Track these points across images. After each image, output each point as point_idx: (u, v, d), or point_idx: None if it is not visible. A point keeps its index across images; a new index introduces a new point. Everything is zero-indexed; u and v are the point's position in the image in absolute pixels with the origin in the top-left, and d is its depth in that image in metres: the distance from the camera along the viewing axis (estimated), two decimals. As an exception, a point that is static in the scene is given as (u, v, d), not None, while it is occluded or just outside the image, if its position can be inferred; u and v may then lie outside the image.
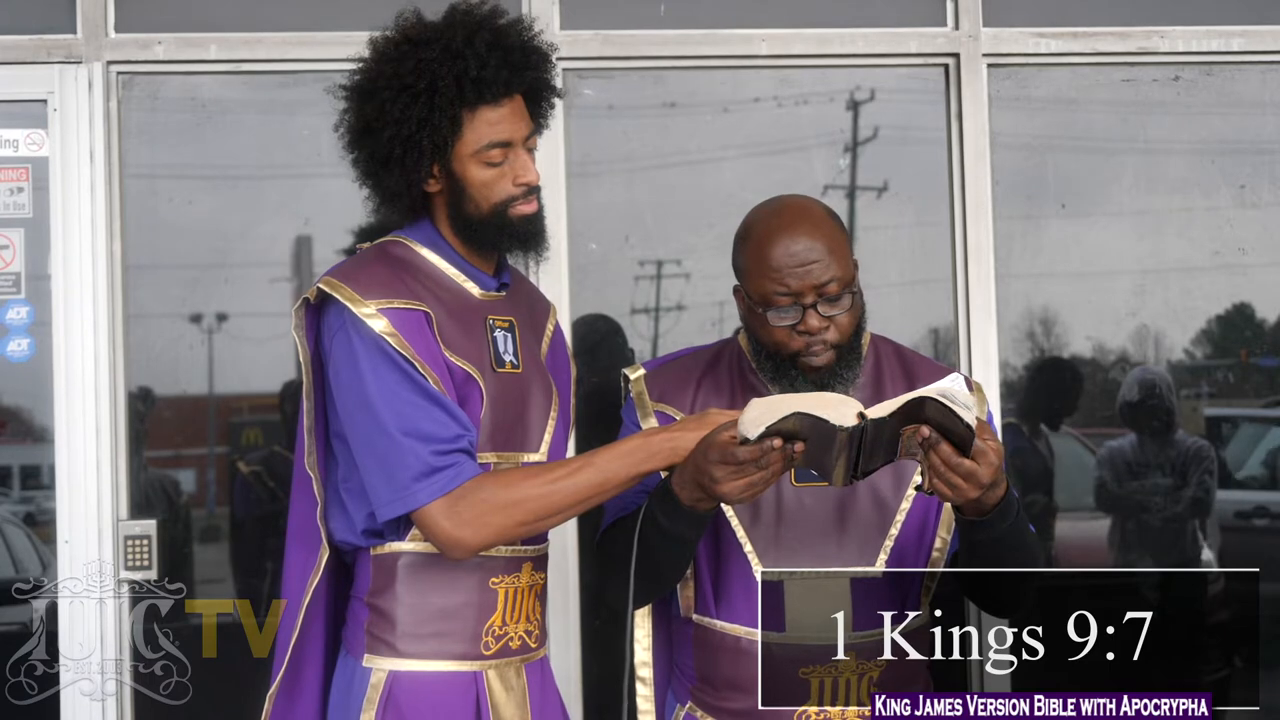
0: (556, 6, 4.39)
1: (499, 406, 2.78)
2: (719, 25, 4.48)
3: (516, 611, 2.82)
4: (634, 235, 4.60)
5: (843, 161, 4.70)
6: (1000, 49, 4.54)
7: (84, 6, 4.29)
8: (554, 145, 4.35)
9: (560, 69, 4.30)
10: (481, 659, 2.79)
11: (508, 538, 2.72)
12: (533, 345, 2.93)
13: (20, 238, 4.31)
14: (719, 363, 2.97)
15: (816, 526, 2.82)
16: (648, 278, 4.63)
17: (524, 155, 2.80)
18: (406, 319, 2.70)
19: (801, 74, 4.60)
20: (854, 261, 2.83)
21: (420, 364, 2.68)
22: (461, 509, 2.66)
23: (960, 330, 4.47)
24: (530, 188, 2.80)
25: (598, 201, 4.52)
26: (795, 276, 2.75)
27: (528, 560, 2.85)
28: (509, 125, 2.77)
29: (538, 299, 3.09)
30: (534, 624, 2.87)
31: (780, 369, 2.82)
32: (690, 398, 2.91)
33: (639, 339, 4.64)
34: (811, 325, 2.76)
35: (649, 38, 4.45)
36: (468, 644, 2.78)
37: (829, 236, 2.79)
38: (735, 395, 2.90)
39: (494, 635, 2.80)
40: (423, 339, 2.71)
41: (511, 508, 2.66)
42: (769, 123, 4.61)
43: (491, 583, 2.79)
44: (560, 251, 4.34)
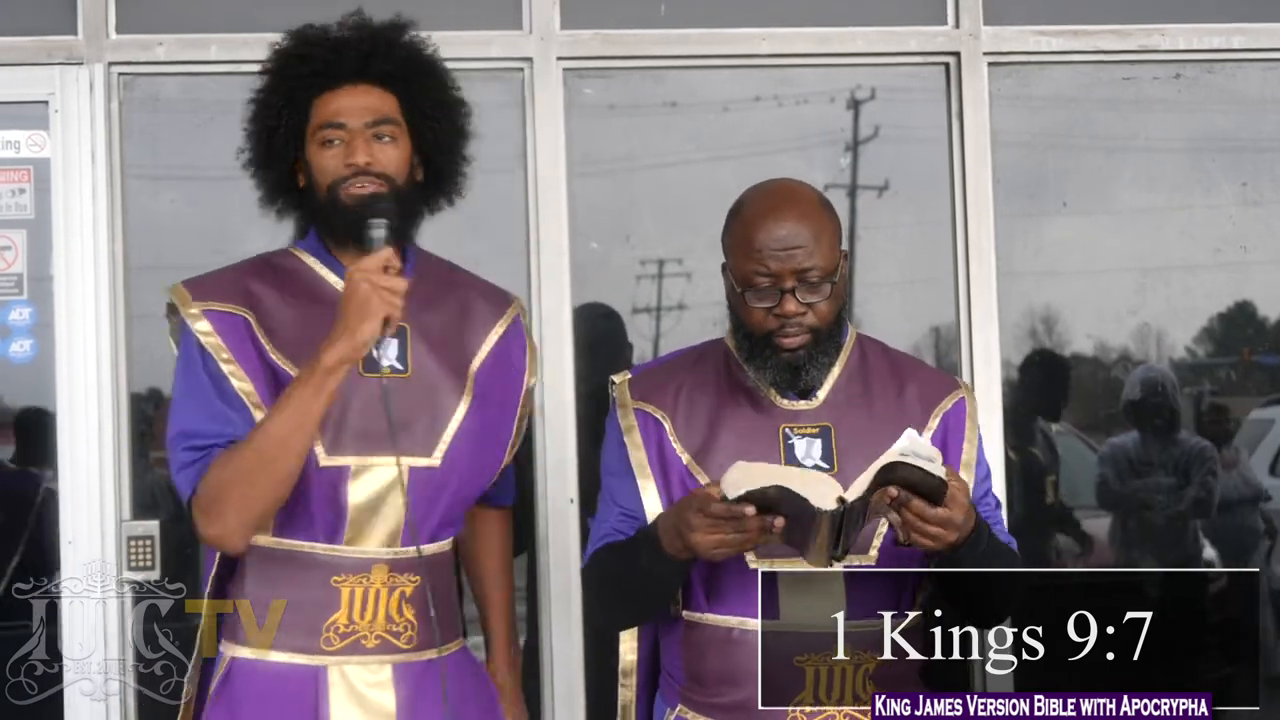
0: (556, 6, 4.39)
1: (362, 409, 2.80)
2: (719, 24, 4.48)
3: (369, 611, 2.83)
4: (635, 234, 4.61)
5: (843, 160, 4.70)
6: (1001, 47, 4.54)
7: (85, 8, 4.30)
8: (555, 145, 4.36)
9: (562, 69, 4.40)
10: (322, 654, 2.82)
11: (250, 514, 2.74)
12: (443, 349, 2.93)
13: (23, 239, 4.32)
14: (704, 361, 2.95)
15: None
16: (649, 277, 4.63)
17: (361, 139, 2.82)
18: (225, 322, 2.81)
19: (802, 73, 4.60)
20: (842, 252, 2.81)
21: (234, 366, 2.78)
22: (204, 502, 2.75)
23: (961, 329, 4.47)
24: (359, 170, 2.81)
25: (599, 201, 4.52)
26: (776, 259, 2.74)
27: (380, 562, 2.84)
28: (346, 108, 2.83)
29: (476, 299, 3.05)
30: (402, 625, 2.87)
31: (755, 348, 2.80)
32: (672, 395, 2.89)
33: (640, 338, 4.64)
34: (788, 310, 2.75)
35: (649, 37, 4.46)
36: (307, 638, 2.82)
37: (816, 223, 2.78)
38: (721, 392, 2.89)
39: (337, 632, 2.82)
40: (238, 341, 2.80)
41: (231, 483, 2.71)
42: (769, 122, 4.61)
43: (334, 580, 2.83)
44: (561, 251, 4.35)
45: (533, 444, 4.37)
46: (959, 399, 2.92)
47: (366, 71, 2.87)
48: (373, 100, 2.86)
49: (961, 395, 2.93)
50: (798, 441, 2.81)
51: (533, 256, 4.37)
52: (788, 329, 2.76)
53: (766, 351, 2.79)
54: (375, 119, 2.84)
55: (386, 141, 2.85)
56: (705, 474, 2.78)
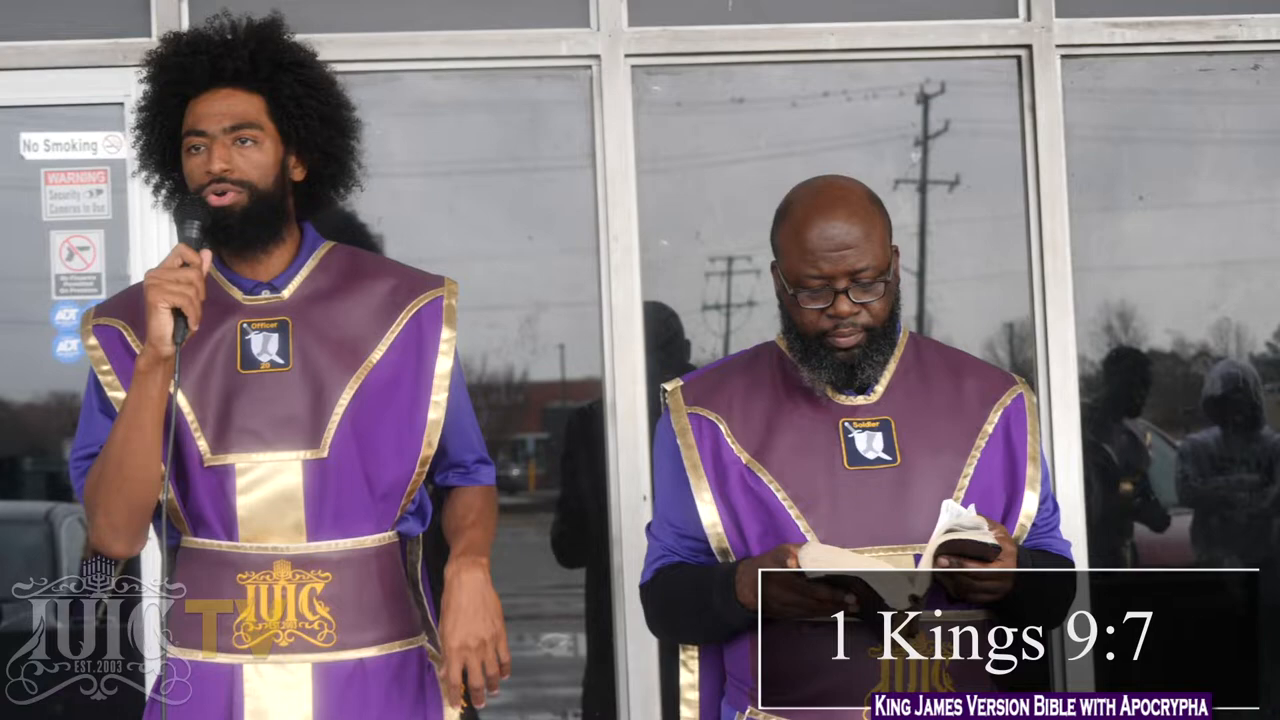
0: (624, 3, 4.40)
1: (243, 407, 2.79)
2: (787, 20, 4.47)
3: (277, 609, 2.80)
4: (705, 231, 4.60)
5: (914, 155, 4.67)
6: (1073, 40, 4.49)
7: (159, 11, 4.36)
8: (623, 142, 4.37)
9: (630, 66, 4.41)
10: (234, 652, 2.80)
11: (115, 518, 2.77)
12: (334, 340, 2.86)
13: (100, 239, 4.38)
14: (757, 362, 2.92)
15: (876, 508, 2.77)
16: (718, 274, 4.63)
17: (220, 145, 2.78)
18: (106, 334, 2.85)
19: (871, 68, 4.58)
20: (893, 248, 2.78)
21: (110, 376, 2.81)
22: (85, 510, 2.81)
23: (1037, 325, 4.43)
24: (215, 177, 2.76)
25: (668, 198, 4.53)
26: (829, 260, 2.71)
27: (281, 559, 2.81)
28: (205, 115, 2.79)
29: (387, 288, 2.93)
30: (317, 623, 2.82)
31: (810, 349, 2.76)
32: (727, 398, 2.85)
33: (711, 335, 4.64)
34: (842, 310, 2.71)
35: (717, 33, 4.45)
36: (222, 635, 2.81)
37: (867, 221, 2.74)
38: (777, 391, 2.87)
39: (248, 630, 2.80)
40: (114, 351, 2.83)
41: (94, 490, 2.76)
42: (838, 117, 4.60)
43: (239, 578, 2.80)
44: (631, 248, 4.35)
45: (604, 442, 4.39)
46: (1018, 394, 2.89)
47: (221, 76, 2.82)
48: (234, 104, 2.81)
49: (1020, 391, 2.90)
50: (858, 435, 2.78)
51: (602, 254, 4.38)
52: (842, 329, 2.73)
53: (821, 351, 2.76)
54: (235, 123, 2.80)
55: (248, 145, 2.80)
56: (766, 470, 2.76)
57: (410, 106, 4.55)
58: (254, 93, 2.83)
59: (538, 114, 4.59)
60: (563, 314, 4.68)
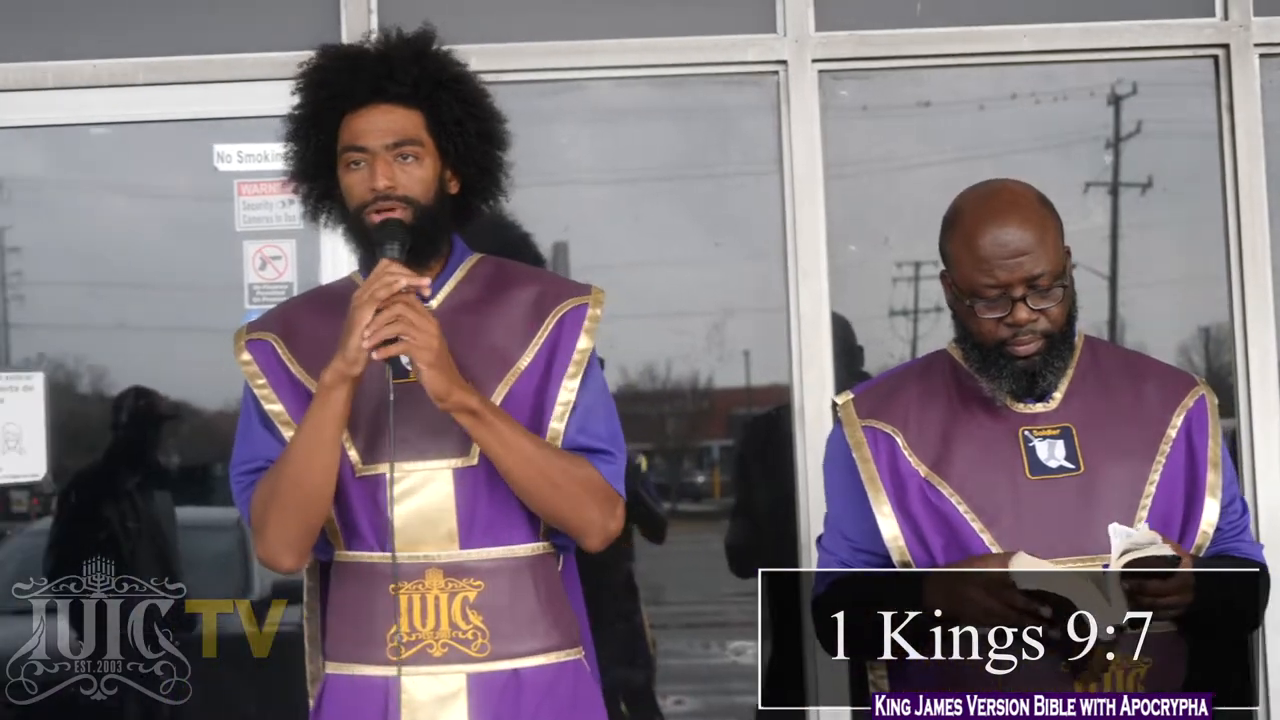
0: (811, 8, 4.37)
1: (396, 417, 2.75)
2: (977, 22, 4.41)
3: (429, 619, 2.79)
4: (893, 236, 4.56)
5: (1105, 158, 4.60)
6: (1273, 38, 4.39)
7: (349, 22, 4.40)
8: (810, 147, 4.34)
9: (818, 71, 4.38)
10: (388, 664, 2.78)
11: (288, 533, 2.75)
12: (483, 348, 2.84)
13: (292, 248, 4.44)
14: (930, 372, 2.88)
15: (1061, 518, 2.72)
16: (905, 279, 4.59)
17: (382, 162, 2.78)
18: (260, 349, 2.86)
19: (1061, 69, 4.52)
20: (1066, 250, 2.74)
21: (266, 390, 2.82)
22: (253, 525, 2.79)
23: (1236, 330, 4.34)
24: (379, 194, 2.76)
25: (855, 203, 4.49)
26: (1004, 269, 2.67)
27: (434, 567, 2.79)
28: (365, 131, 2.78)
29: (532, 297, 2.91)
30: (470, 633, 2.80)
31: (988, 358, 2.73)
32: (901, 409, 2.82)
33: (899, 341, 4.61)
34: (1020, 318, 2.68)
35: (905, 37, 4.41)
36: (376, 648, 2.79)
37: (1040, 226, 2.69)
38: (952, 401, 2.82)
39: (402, 642, 2.78)
40: (269, 365, 2.84)
41: (267, 504, 2.74)
42: (1027, 119, 4.55)
43: (391, 589, 2.78)
44: (819, 254, 4.33)
45: (793, 450, 4.37)
46: (1200, 396, 2.83)
47: (383, 92, 2.81)
48: (395, 120, 2.80)
49: (1202, 392, 2.84)
50: (1039, 444, 2.74)
51: (790, 260, 4.36)
52: (1021, 337, 2.69)
53: (1000, 361, 2.72)
54: (397, 140, 2.79)
55: (410, 161, 2.80)
56: (946, 483, 2.73)
57: (595, 114, 4.56)
58: (413, 109, 2.82)
59: (724, 120, 4.59)
60: (748, 320, 4.67)
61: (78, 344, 4.69)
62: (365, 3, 4.41)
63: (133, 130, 4.56)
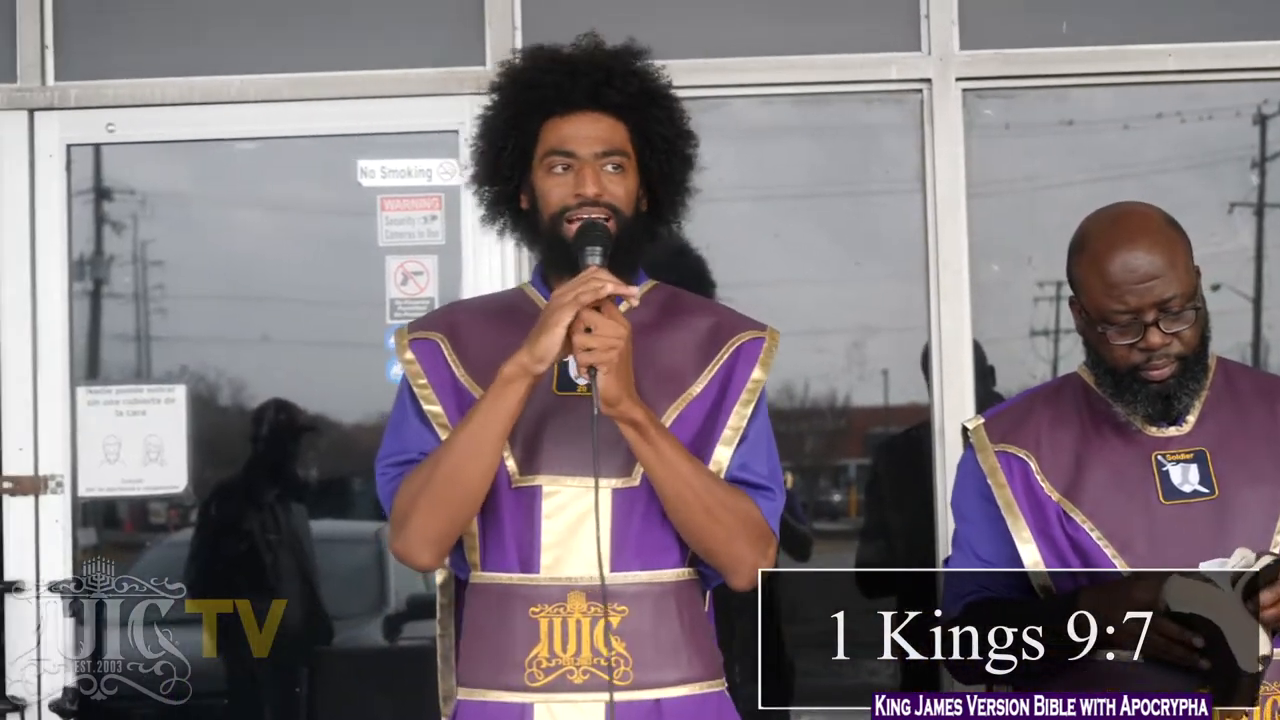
0: (956, 26, 4.37)
1: (557, 429, 2.72)
2: (1123, 41, 4.38)
3: (570, 644, 2.69)
4: (1036, 256, 4.53)
5: (1251, 178, 4.55)
6: None
7: (493, 39, 4.43)
8: (954, 166, 4.33)
9: (961, 89, 4.37)
10: (527, 690, 2.69)
11: (431, 530, 2.69)
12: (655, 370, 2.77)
13: (434, 264, 4.47)
14: (1061, 396, 2.87)
15: (1196, 544, 2.69)
16: (1047, 299, 4.56)
17: (590, 169, 2.73)
18: (424, 348, 2.81)
19: (1207, 89, 4.48)
20: (1197, 270, 2.72)
21: (427, 390, 2.77)
22: (394, 517, 2.73)
23: (1382, 352, 4.30)
24: (587, 200, 2.71)
25: (998, 222, 4.47)
26: (1135, 294, 2.65)
27: (576, 590, 2.70)
28: (575, 137, 2.75)
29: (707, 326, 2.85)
30: (613, 660, 2.69)
31: (1121, 384, 2.72)
32: (1034, 434, 2.81)
33: (1039, 362, 4.58)
34: (1153, 343, 2.67)
35: (1051, 55, 4.39)
36: (513, 673, 2.70)
37: (1169, 248, 2.68)
38: (1084, 426, 2.80)
39: (540, 667, 2.69)
40: (432, 365, 2.79)
41: (415, 498, 2.67)
42: (1172, 139, 4.52)
43: (532, 612, 2.70)
44: (961, 273, 4.31)
45: (930, 470, 4.35)
46: None
47: (599, 100, 2.77)
48: (603, 129, 2.77)
49: None
50: (1172, 468, 2.73)
51: (932, 279, 4.35)
52: (1154, 361, 2.68)
53: (1134, 386, 2.71)
54: (606, 149, 2.75)
55: (615, 172, 2.76)
56: (1079, 509, 2.72)
57: (738, 132, 4.56)
58: (620, 120, 2.78)
59: (867, 138, 4.58)
60: (888, 339, 4.65)
61: (219, 357, 4.73)
62: (510, 20, 4.44)
63: (277, 145, 4.61)
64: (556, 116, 2.77)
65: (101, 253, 4.70)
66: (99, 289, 4.70)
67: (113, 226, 4.70)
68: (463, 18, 4.47)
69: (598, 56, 2.82)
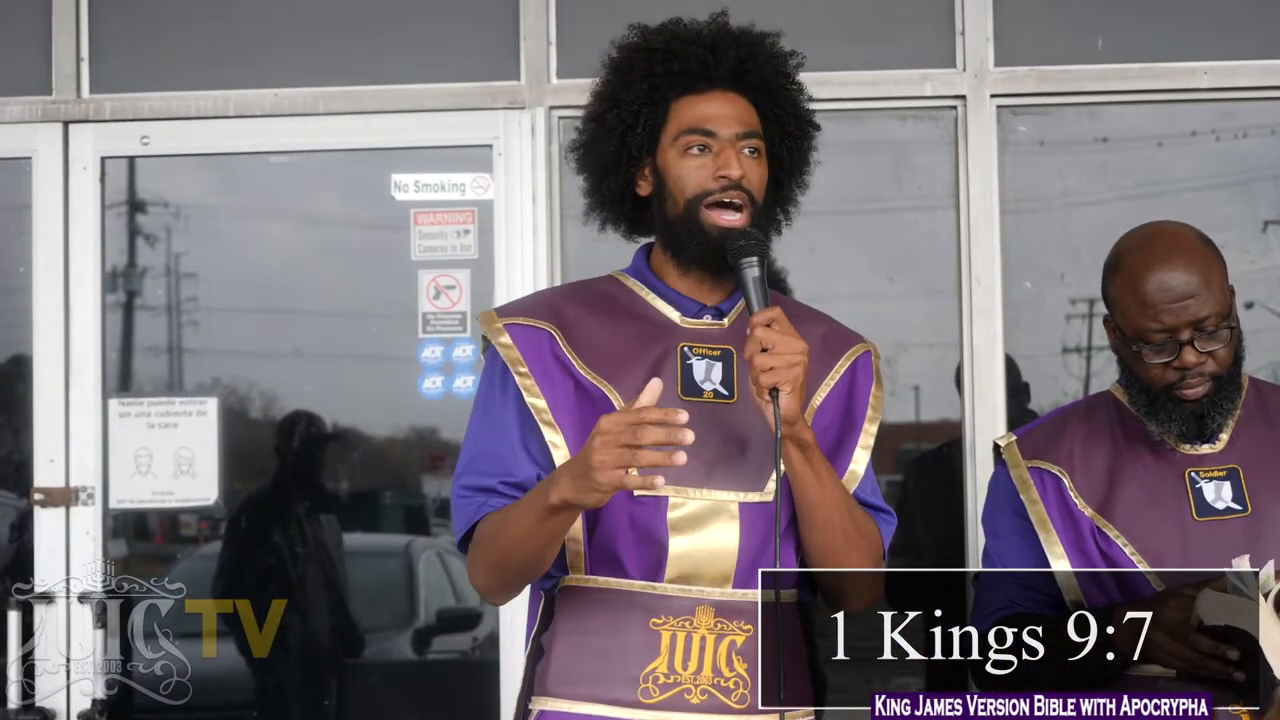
0: (991, 43, 4.37)
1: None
2: (1157, 59, 4.38)
3: (692, 660, 2.54)
4: (1069, 273, 4.53)
5: (1285, 196, 4.56)
6: None
7: (527, 54, 4.44)
8: (987, 182, 4.33)
9: (996, 106, 4.37)
10: (640, 707, 2.54)
11: (497, 583, 2.57)
12: None
13: (466, 278, 4.47)
14: (1094, 414, 2.87)
15: (1227, 560, 2.66)
16: (1079, 316, 4.55)
17: (731, 150, 2.56)
18: (527, 335, 2.60)
19: (1241, 106, 4.47)
20: (1230, 289, 2.72)
21: (529, 380, 2.57)
22: (470, 553, 2.58)
23: None
24: (730, 183, 2.55)
25: (1031, 239, 4.47)
26: (1170, 313, 2.65)
27: (706, 604, 2.56)
28: (718, 115, 2.59)
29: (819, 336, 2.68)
30: (733, 681, 2.56)
31: (1155, 402, 2.72)
32: (1066, 450, 2.80)
33: (1072, 379, 4.57)
34: (1188, 362, 2.66)
35: (1085, 73, 4.39)
36: (624, 688, 2.54)
37: (1205, 268, 2.68)
38: (1117, 443, 2.80)
39: (657, 683, 2.54)
40: (538, 355, 2.59)
41: (484, 551, 2.54)
42: (1206, 157, 4.51)
43: (653, 623, 2.55)
44: (994, 289, 4.31)
45: (962, 487, 4.34)
46: None
47: (741, 78, 2.62)
48: (742, 110, 2.60)
49: None
50: (1205, 485, 2.72)
51: (964, 295, 4.34)
52: (1189, 380, 2.68)
53: (1169, 405, 2.71)
54: (746, 131, 2.59)
55: (753, 156, 2.60)
56: (1112, 525, 2.71)
57: (771, 148, 4.56)
58: (751, 104, 2.63)
59: (900, 154, 4.57)
60: (921, 355, 4.64)
61: (251, 370, 4.74)
62: (545, 35, 4.45)
63: (311, 159, 4.63)
64: (692, 94, 2.61)
65: (135, 265, 4.72)
66: (132, 301, 4.71)
67: (146, 239, 4.72)
68: (497, 33, 4.48)
69: (737, 34, 2.66)
